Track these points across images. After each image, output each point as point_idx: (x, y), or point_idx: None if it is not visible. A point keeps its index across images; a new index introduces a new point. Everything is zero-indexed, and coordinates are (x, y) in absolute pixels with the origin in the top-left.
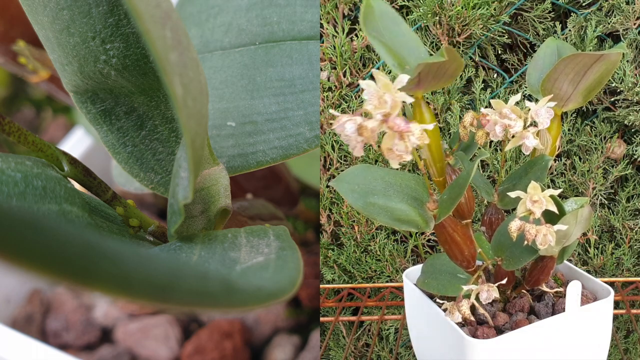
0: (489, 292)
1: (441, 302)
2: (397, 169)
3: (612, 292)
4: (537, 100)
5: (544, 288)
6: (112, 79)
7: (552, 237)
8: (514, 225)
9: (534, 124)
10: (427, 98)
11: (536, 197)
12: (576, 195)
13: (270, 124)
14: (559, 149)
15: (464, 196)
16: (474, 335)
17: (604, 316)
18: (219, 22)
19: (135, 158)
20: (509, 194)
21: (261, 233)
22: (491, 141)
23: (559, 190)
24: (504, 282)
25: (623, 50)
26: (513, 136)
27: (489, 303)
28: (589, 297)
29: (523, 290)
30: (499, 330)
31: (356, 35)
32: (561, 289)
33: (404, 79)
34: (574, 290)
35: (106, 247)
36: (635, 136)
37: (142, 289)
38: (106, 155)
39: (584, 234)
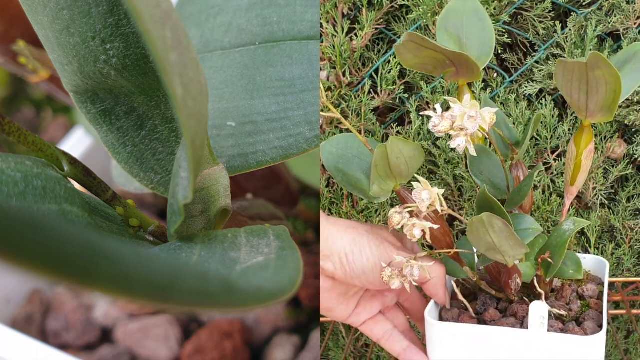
0: (414, 267)
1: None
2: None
3: (603, 331)
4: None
5: (510, 296)
6: (112, 79)
7: (419, 232)
8: (395, 219)
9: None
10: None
11: (425, 194)
12: (578, 196)
13: (270, 124)
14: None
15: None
16: (457, 320)
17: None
18: (219, 22)
19: (135, 158)
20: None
21: (261, 233)
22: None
23: (442, 190)
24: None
25: (583, 60)
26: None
27: (494, 300)
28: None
29: (525, 297)
30: (484, 323)
31: (355, 34)
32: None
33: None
34: (535, 311)
35: (106, 247)
36: (635, 136)
37: (142, 289)
38: (106, 155)
39: (584, 235)
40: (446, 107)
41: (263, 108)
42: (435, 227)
